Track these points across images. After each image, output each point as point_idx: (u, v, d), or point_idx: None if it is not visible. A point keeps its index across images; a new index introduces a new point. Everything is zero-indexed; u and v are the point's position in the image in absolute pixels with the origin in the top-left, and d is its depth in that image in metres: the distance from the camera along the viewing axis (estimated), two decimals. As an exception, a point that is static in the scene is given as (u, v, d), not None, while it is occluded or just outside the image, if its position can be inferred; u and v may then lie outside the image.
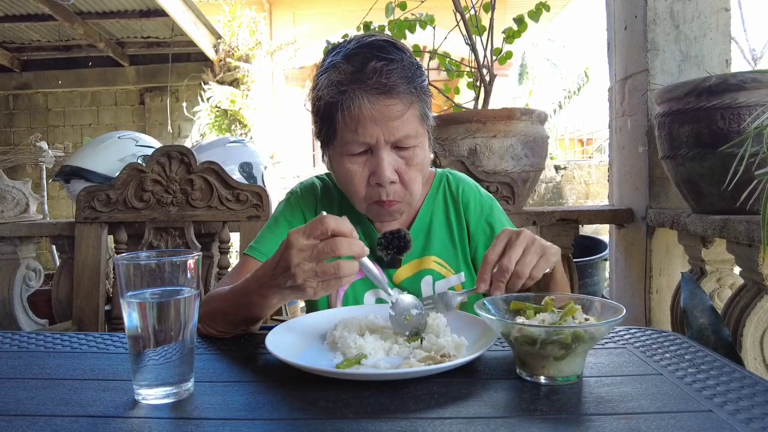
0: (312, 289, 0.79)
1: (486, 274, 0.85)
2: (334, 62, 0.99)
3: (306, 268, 0.78)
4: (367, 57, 0.97)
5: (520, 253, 0.84)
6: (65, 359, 0.85)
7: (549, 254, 0.86)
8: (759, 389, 0.66)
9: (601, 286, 4.04)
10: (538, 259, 0.84)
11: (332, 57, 1.01)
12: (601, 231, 5.20)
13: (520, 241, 0.85)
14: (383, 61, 0.96)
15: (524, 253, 0.84)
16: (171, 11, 5.16)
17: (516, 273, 0.83)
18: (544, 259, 0.85)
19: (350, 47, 1.00)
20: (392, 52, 0.98)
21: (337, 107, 0.97)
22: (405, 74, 0.97)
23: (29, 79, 6.76)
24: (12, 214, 2.13)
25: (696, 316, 1.32)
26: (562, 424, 0.59)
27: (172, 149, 1.76)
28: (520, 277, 0.83)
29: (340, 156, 1.03)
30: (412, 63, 1.01)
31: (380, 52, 0.97)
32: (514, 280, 0.84)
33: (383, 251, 1.09)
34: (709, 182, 1.48)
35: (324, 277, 0.78)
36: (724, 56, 1.87)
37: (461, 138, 1.97)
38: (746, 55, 8.13)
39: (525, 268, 0.83)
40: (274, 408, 0.65)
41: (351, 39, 1.04)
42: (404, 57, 1.00)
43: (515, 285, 0.84)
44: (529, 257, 0.84)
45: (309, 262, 0.78)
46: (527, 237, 0.85)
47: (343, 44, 1.03)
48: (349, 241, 0.78)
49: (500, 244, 0.86)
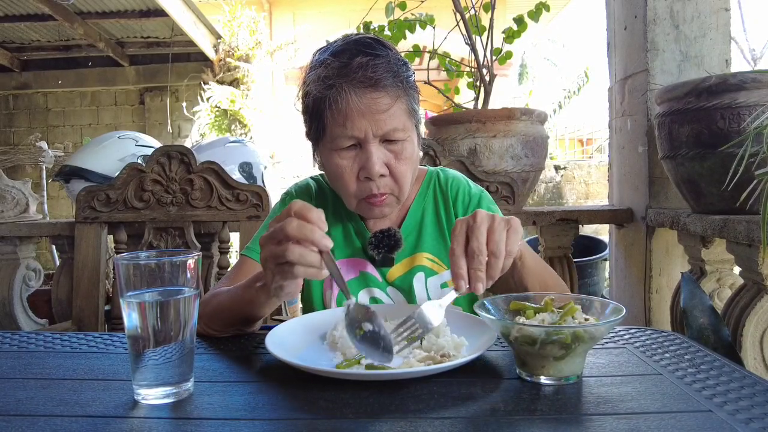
0: (270, 272, 0.77)
1: (461, 269, 0.76)
2: (321, 59, 1.01)
3: (266, 249, 0.77)
4: (354, 53, 0.98)
5: (485, 232, 0.77)
6: (65, 359, 0.85)
7: (514, 225, 0.80)
8: (759, 389, 0.66)
9: (601, 286, 4.05)
10: (506, 232, 0.78)
11: (319, 55, 1.03)
12: (601, 231, 5.20)
13: (479, 222, 0.78)
14: (369, 56, 0.98)
15: (490, 232, 0.77)
16: (171, 11, 5.16)
17: (491, 253, 0.77)
18: (512, 231, 0.79)
19: (337, 45, 1.02)
20: (378, 48, 1.00)
21: (325, 102, 0.98)
22: (391, 68, 0.99)
23: (29, 79, 6.76)
24: (12, 214, 2.13)
25: (696, 316, 1.32)
26: (562, 424, 0.59)
27: (172, 149, 1.76)
28: (497, 255, 0.77)
29: (329, 152, 1.03)
30: (398, 59, 1.02)
31: (366, 47, 0.99)
32: (493, 262, 0.77)
33: (375, 250, 1.09)
34: (709, 182, 1.48)
35: (278, 260, 0.76)
36: (724, 56, 1.87)
37: (461, 138, 1.97)
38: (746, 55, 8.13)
39: (499, 245, 0.77)
40: (274, 408, 0.65)
41: (338, 38, 1.06)
42: (390, 53, 1.01)
43: (495, 268, 0.77)
44: (497, 233, 0.77)
45: (269, 244, 0.77)
46: (485, 216, 0.79)
47: (330, 43, 1.05)
48: (300, 224, 0.74)
49: (461, 233, 0.78)
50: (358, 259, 1.14)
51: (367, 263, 1.13)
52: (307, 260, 0.75)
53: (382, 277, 1.12)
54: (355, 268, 1.13)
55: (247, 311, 0.91)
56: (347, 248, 1.15)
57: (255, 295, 0.87)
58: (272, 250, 0.76)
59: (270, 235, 0.77)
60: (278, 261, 0.76)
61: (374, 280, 1.12)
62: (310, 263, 0.75)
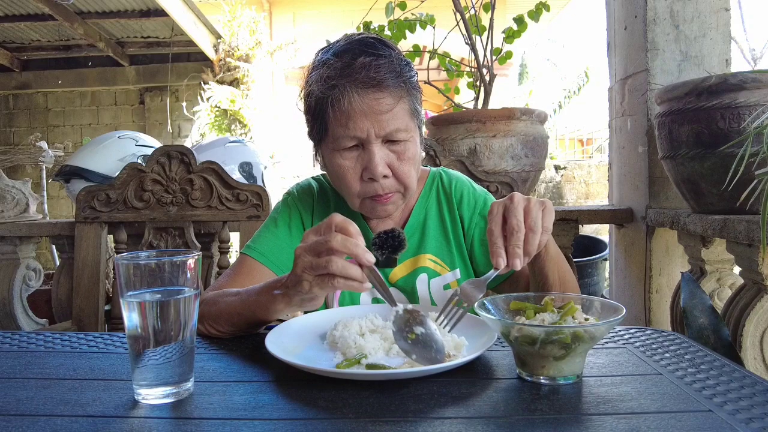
0: (308, 283, 0.78)
1: (499, 248, 0.81)
2: (323, 59, 1.01)
3: (305, 260, 0.78)
4: (356, 53, 0.98)
5: (522, 211, 0.81)
6: (65, 359, 0.85)
7: (549, 206, 0.84)
8: (759, 389, 0.66)
9: (601, 286, 4.05)
10: (542, 212, 0.83)
11: (322, 54, 1.03)
12: (601, 231, 5.20)
13: (515, 202, 0.82)
14: (372, 56, 0.98)
15: (527, 211, 0.82)
16: (171, 11, 5.16)
17: (529, 228, 0.81)
18: (547, 210, 0.83)
19: (340, 44, 1.02)
20: (381, 49, 1.00)
21: (328, 102, 0.99)
22: (393, 69, 0.99)
23: (29, 79, 6.76)
24: (12, 213, 2.13)
25: (696, 316, 1.32)
26: (562, 424, 0.59)
27: (172, 149, 1.76)
28: (535, 231, 0.81)
29: (332, 152, 1.03)
30: (400, 59, 1.02)
31: (369, 48, 0.99)
32: (530, 237, 0.81)
33: (378, 251, 1.09)
34: (709, 182, 1.48)
35: (317, 271, 0.76)
36: (724, 56, 1.87)
37: (461, 138, 1.97)
38: (746, 55, 8.12)
39: (536, 222, 0.81)
40: (274, 408, 0.65)
41: (341, 38, 1.06)
42: (392, 53, 1.02)
43: (532, 244, 0.81)
44: (534, 211, 0.82)
45: (308, 255, 0.78)
46: (520, 197, 0.83)
47: (333, 43, 1.05)
48: (344, 238, 0.76)
49: (498, 214, 0.83)
50: None
51: None
52: (350, 273, 0.76)
53: (384, 278, 1.12)
54: None
55: (260, 316, 0.90)
56: None
57: (271, 302, 0.86)
58: (313, 261, 0.77)
59: (310, 247, 0.78)
60: (319, 272, 0.77)
61: None
62: (353, 276, 0.76)
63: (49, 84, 6.76)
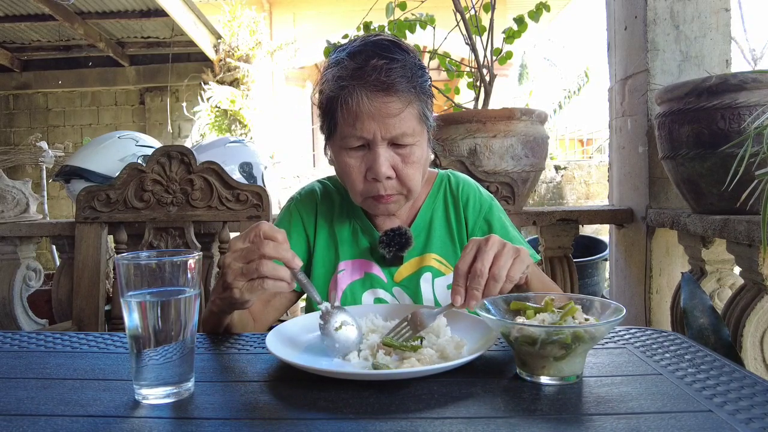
0: (238, 290, 0.82)
1: (460, 286, 0.81)
2: (338, 59, 1.03)
3: (235, 267, 0.82)
4: (370, 55, 0.99)
5: (492, 257, 0.81)
6: (65, 359, 0.85)
7: (522, 255, 0.84)
8: (759, 389, 0.66)
9: (601, 286, 4.05)
10: (512, 261, 0.82)
11: (337, 54, 1.05)
12: (601, 231, 5.20)
13: (490, 245, 0.82)
14: (385, 60, 0.99)
15: (497, 257, 0.81)
16: (171, 11, 5.16)
17: (492, 276, 0.80)
18: (518, 260, 0.83)
19: (355, 45, 1.03)
20: (395, 52, 1.01)
21: (338, 102, 1.00)
22: (405, 73, 1.00)
23: (29, 79, 6.77)
24: (12, 214, 2.12)
25: (696, 316, 1.32)
26: (562, 424, 0.59)
27: (172, 149, 1.76)
28: (497, 280, 0.80)
29: (339, 149, 1.06)
30: (414, 63, 1.03)
31: (383, 51, 1.00)
32: (491, 285, 0.81)
33: (385, 248, 1.11)
34: (709, 182, 1.48)
35: (249, 275, 0.81)
36: (724, 56, 1.87)
37: (461, 138, 1.97)
38: (746, 55, 8.13)
39: (501, 270, 0.81)
40: (274, 408, 0.65)
41: (358, 38, 1.08)
42: (407, 57, 1.02)
43: (492, 291, 0.81)
44: (503, 259, 0.81)
45: (238, 262, 0.82)
46: (497, 241, 0.83)
47: (350, 42, 1.07)
48: (275, 244, 0.81)
49: (470, 253, 0.83)
50: (364, 260, 1.15)
51: (372, 264, 1.14)
52: (279, 274, 0.81)
53: (387, 278, 1.13)
54: (361, 269, 1.14)
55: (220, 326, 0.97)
56: (354, 248, 1.16)
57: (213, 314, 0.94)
58: (243, 267, 0.82)
59: (239, 255, 0.82)
60: (250, 277, 0.81)
61: (379, 281, 1.13)
62: (282, 277, 0.82)
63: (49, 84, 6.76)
